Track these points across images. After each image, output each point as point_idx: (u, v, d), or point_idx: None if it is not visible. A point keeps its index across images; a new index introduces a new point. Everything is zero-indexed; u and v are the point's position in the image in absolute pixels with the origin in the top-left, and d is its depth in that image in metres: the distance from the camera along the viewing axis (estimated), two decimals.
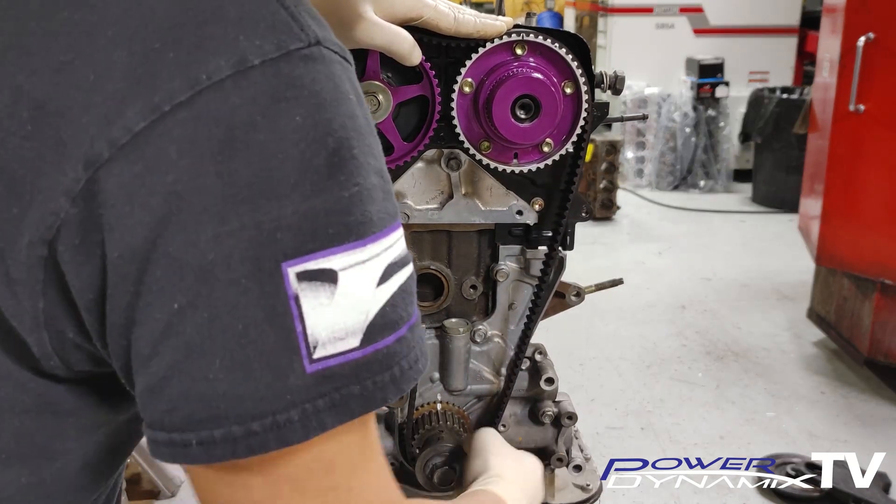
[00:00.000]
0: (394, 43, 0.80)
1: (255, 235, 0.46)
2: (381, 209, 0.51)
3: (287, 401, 0.47)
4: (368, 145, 0.51)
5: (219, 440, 0.47)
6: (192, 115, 0.45)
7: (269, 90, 0.47)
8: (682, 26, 6.20)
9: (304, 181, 0.47)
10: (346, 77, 0.51)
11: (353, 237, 0.49)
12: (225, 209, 0.46)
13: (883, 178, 3.06)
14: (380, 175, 0.52)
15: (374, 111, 0.86)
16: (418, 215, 0.97)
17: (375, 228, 0.50)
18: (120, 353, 0.49)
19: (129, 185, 0.45)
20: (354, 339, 0.49)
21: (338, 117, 0.49)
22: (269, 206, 0.46)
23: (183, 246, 0.45)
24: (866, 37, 2.93)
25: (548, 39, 0.87)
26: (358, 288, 0.49)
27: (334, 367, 0.48)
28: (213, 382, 0.46)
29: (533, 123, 0.88)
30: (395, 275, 0.51)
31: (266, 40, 0.48)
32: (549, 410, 1.05)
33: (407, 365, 0.52)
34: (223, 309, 0.46)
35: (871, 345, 3.15)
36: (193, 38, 0.47)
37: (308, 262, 0.47)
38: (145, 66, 0.46)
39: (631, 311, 3.95)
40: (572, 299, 1.06)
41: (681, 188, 6.17)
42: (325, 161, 0.48)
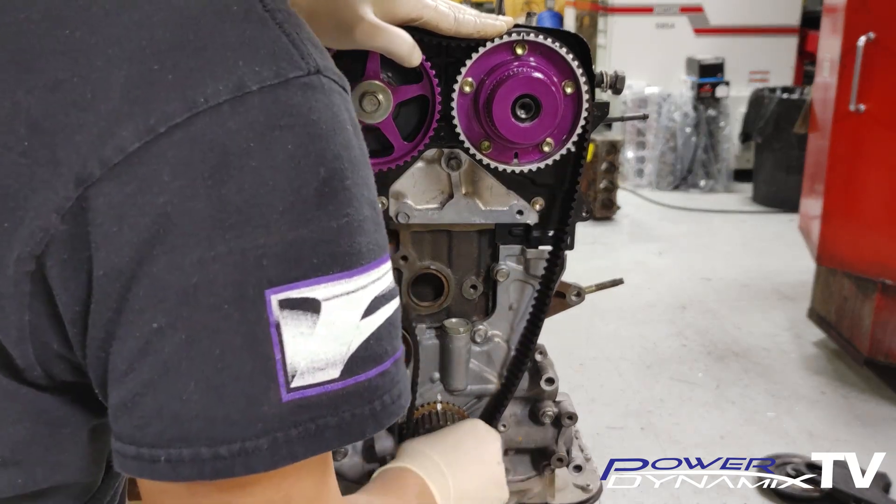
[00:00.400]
0: (393, 44, 0.80)
1: (239, 261, 0.46)
2: (371, 241, 0.51)
3: (258, 428, 0.47)
4: (362, 176, 0.52)
5: (187, 460, 0.47)
6: (187, 138, 0.46)
7: (265, 117, 0.47)
8: (682, 26, 6.20)
9: (292, 210, 0.47)
10: (344, 107, 0.52)
11: (339, 268, 0.49)
12: (213, 234, 0.46)
13: (883, 178, 3.06)
14: (372, 207, 0.52)
15: (374, 111, 0.86)
16: (418, 215, 0.97)
17: (364, 260, 0.50)
18: (97, 365, 0.49)
19: (118, 205, 0.45)
20: (334, 370, 0.49)
21: (332, 147, 0.49)
22: (256, 233, 0.46)
23: (167, 267, 0.46)
24: (866, 37, 2.93)
25: (548, 39, 0.87)
26: (341, 319, 0.49)
27: (311, 398, 0.48)
28: (186, 403, 0.47)
29: (533, 123, 0.88)
30: (381, 308, 0.52)
31: (265, 67, 0.48)
32: (549, 410, 1.05)
33: (389, 400, 0.52)
34: (203, 332, 0.46)
35: (871, 345, 3.15)
36: (193, 61, 0.47)
37: (291, 291, 0.47)
38: (142, 88, 0.46)
39: (631, 311, 3.95)
40: (572, 299, 1.06)
41: (681, 188, 6.17)
42: (315, 191, 0.48)
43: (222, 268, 0.46)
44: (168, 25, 0.47)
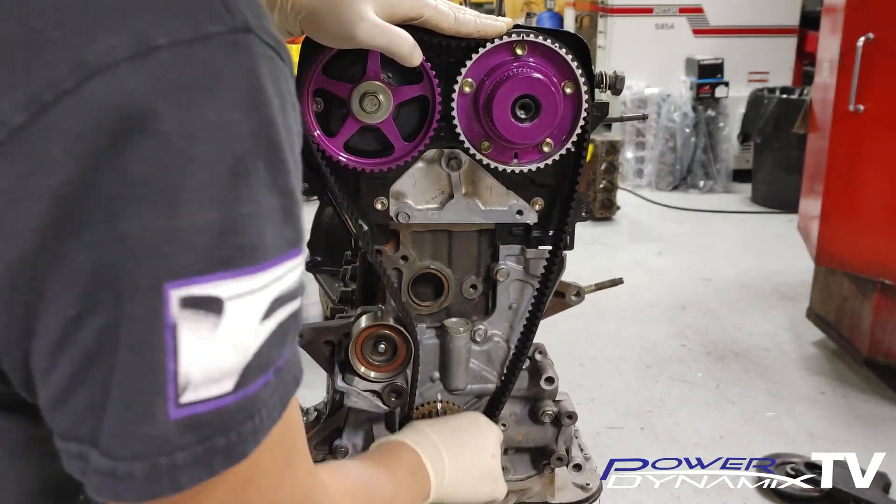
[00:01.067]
0: (394, 43, 0.80)
1: (138, 245, 0.40)
2: (278, 234, 0.45)
3: (134, 450, 0.41)
4: (281, 160, 0.45)
5: (81, 460, 0.42)
6: (79, 105, 0.39)
7: (177, 76, 0.40)
8: (681, 26, 6.20)
9: (202, 189, 0.41)
10: (272, 76, 0.45)
11: (245, 262, 0.43)
12: (116, 210, 0.40)
13: (883, 178, 3.06)
14: (286, 196, 0.46)
15: (374, 111, 0.86)
16: (418, 215, 0.97)
17: (269, 255, 0.44)
18: (17, 367, 0.44)
19: (10, 189, 0.40)
20: (229, 383, 0.43)
21: (250, 122, 0.43)
22: (160, 212, 0.40)
23: (75, 250, 0.40)
24: (866, 37, 2.93)
25: (548, 39, 0.87)
26: (242, 322, 0.43)
27: (202, 415, 0.42)
28: (106, 398, 0.41)
29: (533, 123, 0.89)
30: (279, 310, 0.46)
31: (179, 19, 0.41)
32: (549, 410, 1.05)
33: (266, 413, 0.46)
34: (115, 318, 0.41)
35: (871, 345, 3.15)
36: (84, 13, 0.40)
37: (194, 286, 0.41)
38: (22, 50, 0.39)
39: (631, 311, 3.95)
40: (572, 299, 1.06)
41: (680, 188, 6.18)
42: (228, 170, 0.42)
43: (124, 251, 0.40)
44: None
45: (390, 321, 0.97)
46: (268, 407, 0.46)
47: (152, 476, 0.41)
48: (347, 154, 0.91)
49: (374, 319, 0.98)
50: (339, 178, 0.94)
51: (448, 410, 1.05)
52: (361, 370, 0.98)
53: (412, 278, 1.02)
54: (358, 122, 0.88)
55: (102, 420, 0.42)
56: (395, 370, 0.98)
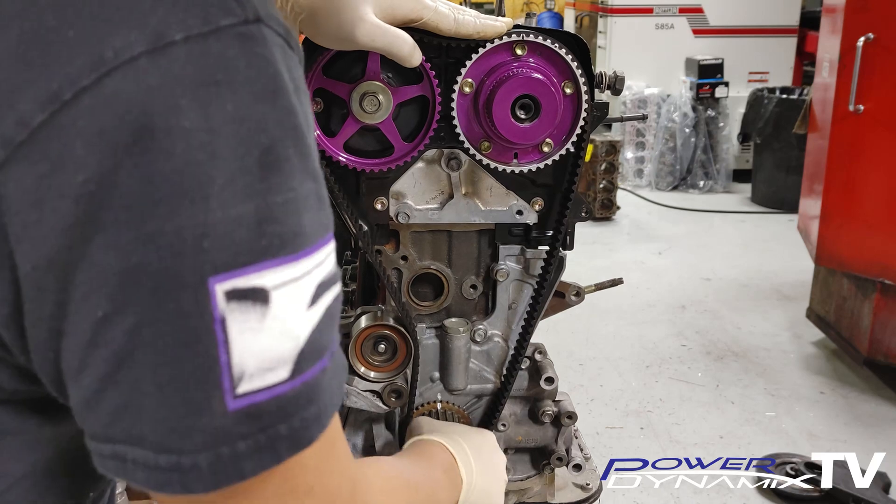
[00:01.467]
0: (394, 45, 0.80)
1: (176, 242, 0.40)
2: (315, 220, 0.45)
3: (197, 442, 0.41)
4: (306, 146, 0.45)
5: (137, 462, 0.42)
6: (99, 102, 0.39)
7: (194, 71, 0.40)
8: (681, 27, 6.20)
9: (233, 182, 0.41)
10: (286, 64, 0.45)
11: (287, 250, 0.43)
12: (144, 210, 0.40)
13: (883, 178, 3.06)
14: (314, 179, 0.46)
15: (374, 111, 0.86)
16: (418, 215, 0.97)
17: (309, 242, 0.44)
18: (47, 367, 0.44)
19: (33, 190, 0.39)
20: (284, 370, 0.43)
21: (274, 111, 0.43)
22: (193, 209, 0.40)
23: (103, 248, 0.40)
24: (866, 37, 2.93)
25: (547, 40, 0.87)
26: (290, 310, 0.43)
27: (261, 404, 0.42)
28: (145, 396, 0.42)
29: (533, 123, 0.89)
30: (323, 295, 0.46)
31: (191, 13, 0.40)
32: (548, 410, 1.05)
33: (328, 398, 0.46)
34: (149, 318, 0.41)
35: (870, 345, 3.15)
36: (98, 9, 0.40)
37: (238, 279, 0.41)
38: (39, 48, 0.39)
39: (631, 311, 3.95)
40: (572, 299, 1.06)
41: (680, 188, 6.18)
42: (257, 161, 0.42)
43: (158, 250, 0.40)
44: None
45: (390, 321, 0.98)
46: (329, 391, 0.46)
47: (217, 466, 0.42)
48: (347, 154, 0.91)
49: (374, 319, 0.98)
50: (339, 178, 0.94)
51: (448, 411, 1.05)
52: (361, 370, 0.98)
53: (412, 278, 1.02)
54: (358, 122, 0.88)
55: (140, 419, 0.42)
56: (394, 370, 0.98)
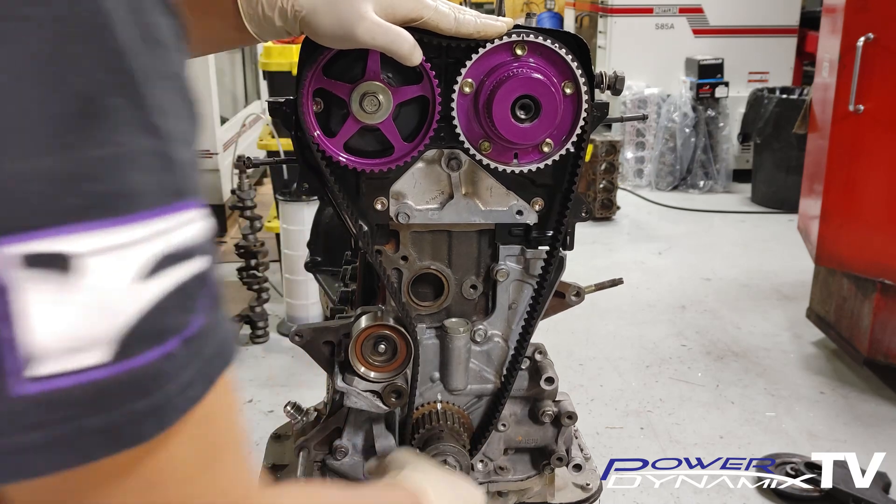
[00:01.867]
0: (394, 43, 0.80)
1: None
2: (154, 181, 0.39)
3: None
4: (143, 96, 0.39)
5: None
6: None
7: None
8: (681, 26, 6.20)
9: (34, 132, 0.35)
10: (128, 4, 0.38)
11: (108, 213, 0.37)
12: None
13: (882, 178, 3.06)
14: (155, 135, 0.39)
15: (374, 111, 0.86)
16: (418, 215, 0.97)
17: (141, 205, 0.38)
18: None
19: None
20: (101, 353, 0.37)
21: (96, 53, 0.37)
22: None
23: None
24: (866, 37, 2.93)
25: (547, 40, 0.87)
26: (111, 282, 0.37)
27: (66, 391, 0.36)
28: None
29: (533, 124, 0.89)
30: (170, 269, 0.39)
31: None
32: (548, 410, 1.05)
33: (175, 390, 0.39)
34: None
35: (870, 345, 3.16)
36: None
37: (35, 241, 0.35)
38: None
39: (631, 311, 3.95)
40: (572, 299, 1.06)
41: (680, 188, 6.18)
42: (70, 109, 0.36)
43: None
44: None
45: (390, 321, 0.98)
46: (177, 383, 0.39)
47: (3, 458, 0.36)
48: (347, 154, 0.91)
49: (374, 319, 0.98)
50: (339, 178, 0.94)
51: (448, 411, 1.05)
52: (361, 370, 0.98)
53: (412, 278, 1.02)
54: (358, 122, 0.88)
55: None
56: (394, 370, 0.98)
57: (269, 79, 3.81)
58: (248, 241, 3.55)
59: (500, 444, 1.08)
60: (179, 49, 0.43)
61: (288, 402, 1.15)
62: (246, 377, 3.34)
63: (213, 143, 4.72)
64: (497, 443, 1.07)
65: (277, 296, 3.88)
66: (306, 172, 0.94)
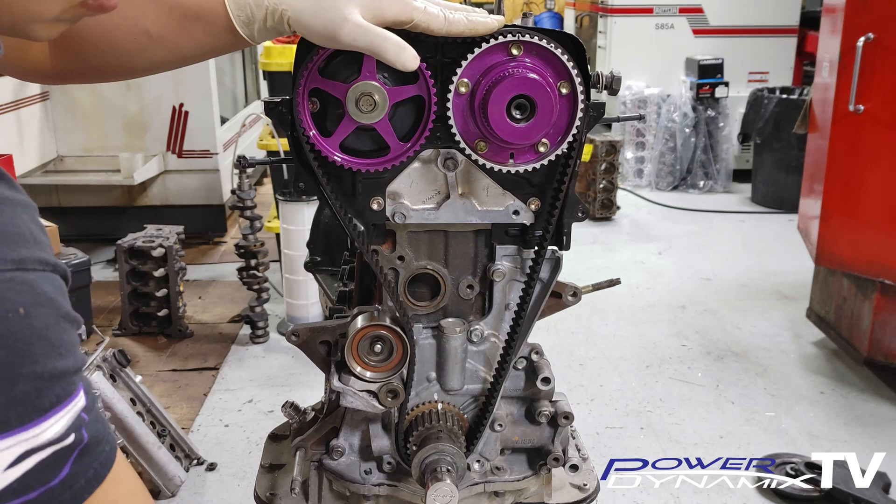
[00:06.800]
0: (376, 44, 0.80)
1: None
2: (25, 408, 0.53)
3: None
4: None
5: None
6: None
7: None
8: (681, 26, 6.20)
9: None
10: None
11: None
12: None
13: (882, 178, 3.06)
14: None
15: (370, 111, 0.86)
16: (415, 215, 0.97)
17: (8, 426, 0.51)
18: None
19: None
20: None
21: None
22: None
23: None
24: (866, 37, 2.93)
25: (543, 40, 0.87)
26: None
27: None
28: None
29: (529, 123, 0.88)
30: (32, 456, 0.53)
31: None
32: (545, 410, 1.05)
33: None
34: None
35: (870, 345, 3.15)
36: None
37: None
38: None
39: (631, 311, 3.95)
40: (569, 299, 1.06)
41: (680, 188, 6.18)
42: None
43: None
44: None
45: (387, 321, 0.97)
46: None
47: None
48: (343, 154, 0.91)
49: (371, 319, 0.98)
50: (336, 177, 0.94)
51: (448, 412, 1.05)
52: (357, 370, 0.98)
53: (409, 278, 1.02)
54: (353, 122, 0.88)
55: None
56: (391, 370, 0.98)
57: (269, 79, 3.82)
58: (248, 241, 3.55)
59: (496, 444, 1.07)
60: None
61: (286, 402, 1.15)
62: (246, 377, 3.34)
63: (213, 143, 4.73)
64: (494, 443, 1.07)
65: (277, 296, 3.88)
66: (302, 172, 0.94)
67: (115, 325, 3.77)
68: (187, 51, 0.90)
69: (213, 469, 2.72)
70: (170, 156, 4.72)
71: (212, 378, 3.34)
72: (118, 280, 3.69)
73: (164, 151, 4.71)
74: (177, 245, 3.62)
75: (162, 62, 0.91)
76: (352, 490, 1.09)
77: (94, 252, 4.45)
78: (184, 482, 2.60)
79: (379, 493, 1.08)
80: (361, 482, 1.08)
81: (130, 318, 3.69)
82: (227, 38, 0.88)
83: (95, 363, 2.44)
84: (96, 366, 2.44)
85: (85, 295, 3.64)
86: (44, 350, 0.55)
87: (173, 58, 0.91)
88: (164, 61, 0.91)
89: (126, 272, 3.60)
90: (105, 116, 4.64)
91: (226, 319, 3.90)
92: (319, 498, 1.12)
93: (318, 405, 1.20)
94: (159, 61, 0.91)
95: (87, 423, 0.58)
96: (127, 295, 3.64)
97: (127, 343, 3.62)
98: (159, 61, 0.91)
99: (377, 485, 1.08)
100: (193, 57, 0.92)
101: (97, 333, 3.21)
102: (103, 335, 3.11)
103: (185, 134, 4.68)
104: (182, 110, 4.66)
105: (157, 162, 4.65)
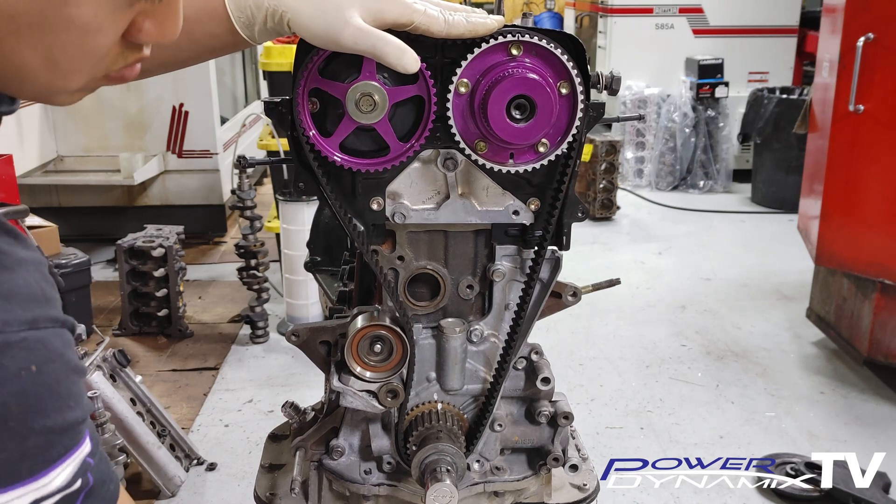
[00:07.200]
0: (377, 48, 0.81)
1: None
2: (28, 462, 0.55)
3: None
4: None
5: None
6: None
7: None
8: (681, 27, 6.20)
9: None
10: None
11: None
12: None
13: (882, 178, 3.06)
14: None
15: (370, 111, 0.86)
16: (415, 215, 0.97)
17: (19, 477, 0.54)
18: None
19: None
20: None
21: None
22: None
23: None
24: (866, 37, 2.93)
25: (543, 40, 0.87)
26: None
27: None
28: None
29: (528, 124, 0.88)
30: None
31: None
32: (545, 410, 1.05)
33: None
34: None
35: (870, 345, 3.15)
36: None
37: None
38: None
39: (631, 311, 3.95)
40: (568, 299, 1.06)
41: (680, 188, 6.18)
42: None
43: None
44: None
45: (387, 321, 0.97)
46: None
47: None
48: (343, 154, 0.91)
49: (371, 319, 0.98)
50: (335, 178, 0.94)
51: (448, 412, 1.05)
52: (357, 370, 0.98)
53: (408, 278, 1.02)
54: (353, 122, 0.88)
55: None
56: (391, 370, 0.98)
57: (269, 79, 3.82)
58: (248, 241, 3.55)
59: (496, 444, 1.07)
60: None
61: (285, 402, 1.15)
62: (246, 377, 3.34)
63: (213, 143, 4.73)
64: (493, 443, 1.07)
65: (277, 296, 3.88)
66: (302, 172, 0.94)
67: (115, 325, 3.77)
68: (188, 52, 0.91)
69: (213, 469, 2.72)
70: (170, 156, 4.72)
71: (212, 378, 3.34)
72: (118, 280, 3.69)
73: (164, 151, 4.71)
74: (177, 245, 3.62)
75: (163, 64, 0.92)
76: (352, 490, 1.09)
77: (94, 252, 4.45)
78: (184, 482, 2.60)
79: (379, 493, 1.08)
80: (361, 482, 1.08)
81: (130, 318, 3.70)
82: (227, 39, 0.88)
83: (95, 363, 2.44)
84: (96, 366, 2.44)
85: (85, 295, 3.64)
86: (54, 404, 0.57)
87: (175, 60, 0.92)
88: (166, 63, 0.92)
89: (126, 272, 3.60)
90: (105, 116, 4.64)
91: (226, 319, 3.90)
92: (319, 498, 1.12)
93: (317, 405, 1.20)
94: (161, 63, 0.91)
95: (91, 467, 0.60)
96: (127, 295, 3.64)
97: (127, 343, 3.62)
98: (161, 63, 0.91)
99: (377, 485, 1.08)
100: (194, 58, 0.93)
101: (97, 333, 3.21)
102: (103, 335, 3.11)
103: (185, 134, 4.69)
104: (182, 110, 4.66)
105: (157, 162, 4.65)
